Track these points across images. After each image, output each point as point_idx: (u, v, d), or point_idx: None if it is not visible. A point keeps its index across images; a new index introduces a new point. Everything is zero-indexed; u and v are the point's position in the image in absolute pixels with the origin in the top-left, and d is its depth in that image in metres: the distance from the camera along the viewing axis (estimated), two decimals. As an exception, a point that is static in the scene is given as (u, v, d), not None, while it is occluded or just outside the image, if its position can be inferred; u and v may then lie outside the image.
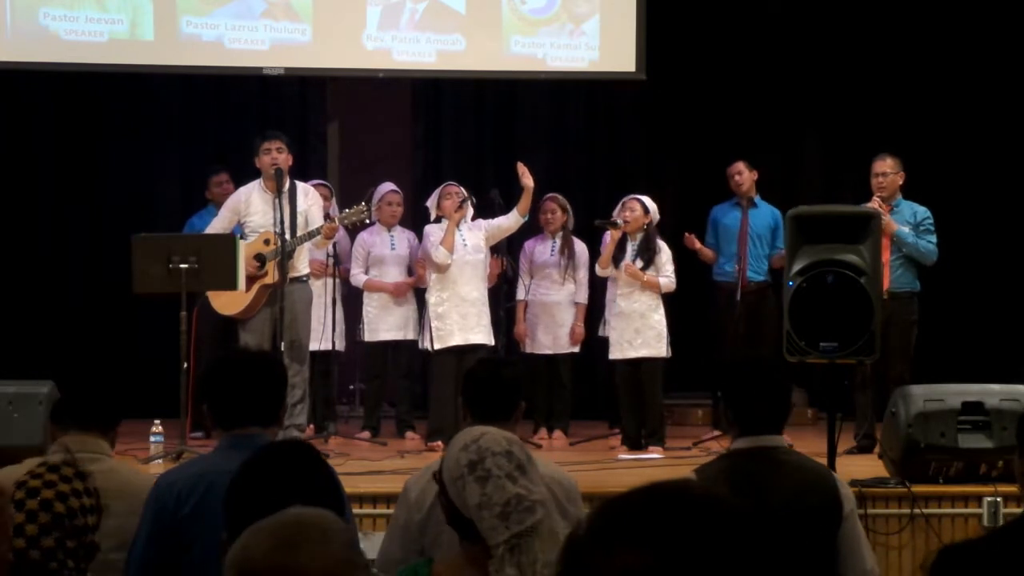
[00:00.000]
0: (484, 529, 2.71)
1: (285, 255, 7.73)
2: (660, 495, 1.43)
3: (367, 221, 8.63)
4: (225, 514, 2.61)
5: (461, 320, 8.38)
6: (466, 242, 8.47)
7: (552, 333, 9.07)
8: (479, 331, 8.39)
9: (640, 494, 1.44)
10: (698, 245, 9.13)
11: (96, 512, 2.85)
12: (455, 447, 2.82)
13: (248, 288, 7.82)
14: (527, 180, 8.37)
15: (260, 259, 7.84)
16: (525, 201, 8.43)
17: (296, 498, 2.49)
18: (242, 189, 8.22)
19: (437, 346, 8.39)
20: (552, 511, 2.77)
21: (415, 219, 9.41)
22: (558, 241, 9.12)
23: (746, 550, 1.39)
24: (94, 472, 3.09)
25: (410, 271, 9.08)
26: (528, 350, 9.10)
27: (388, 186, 9.15)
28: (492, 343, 8.52)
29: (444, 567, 2.79)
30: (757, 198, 9.18)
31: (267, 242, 7.89)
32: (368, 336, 9.06)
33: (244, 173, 8.46)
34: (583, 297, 9.14)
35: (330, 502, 2.62)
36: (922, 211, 8.34)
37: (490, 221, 8.65)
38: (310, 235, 7.92)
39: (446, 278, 8.44)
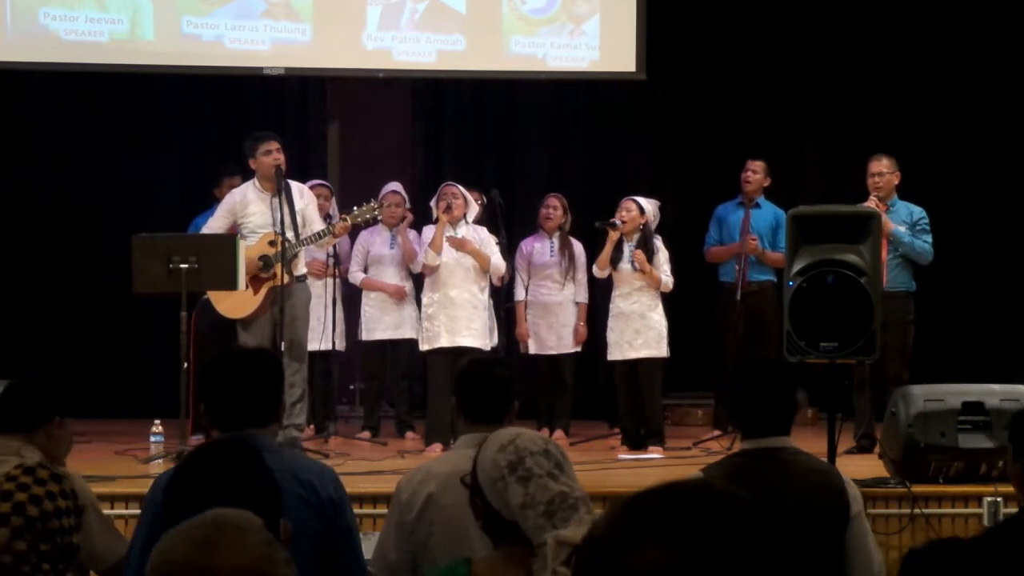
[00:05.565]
0: (529, 528, 2.68)
1: (287, 256, 7.72)
2: (682, 493, 1.42)
3: (379, 219, 8.64)
4: (164, 517, 2.55)
5: (449, 322, 8.33)
6: None
7: (556, 333, 9.01)
8: (468, 334, 8.30)
9: (662, 492, 1.43)
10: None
11: (75, 514, 2.83)
12: (490, 449, 2.78)
13: (256, 291, 7.81)
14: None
15: (266, 261, 7.81)
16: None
17: (229, 497, 2.44)
18: (236, 190, 8.18)
19: (425, 347, 8.42)
20: (592, 508, 2.77)
21: (416, 219, 9.40)
22: (556, 241, 9.07)
23: (768, 547, 1.39)
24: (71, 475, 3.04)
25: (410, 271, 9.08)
26: (532, 351, 9.06)
27: (391, 186, 9.13)
28: (488, 346, 8.42)
29: (483, 567, 2.77)
30: (760, 198, 9.18)
31: (272, 243, 7.86)
32: (365, 335, 9.08)
33: (246, 173, 8.46)
34: (583, 296, 9.08)
35: (264, 500, 2.57)
36: (918, 211, 8.34)
37: (492, 246, 8.52)
38: (319, 236, 7.91)
39: (437, 280, 8.41)
